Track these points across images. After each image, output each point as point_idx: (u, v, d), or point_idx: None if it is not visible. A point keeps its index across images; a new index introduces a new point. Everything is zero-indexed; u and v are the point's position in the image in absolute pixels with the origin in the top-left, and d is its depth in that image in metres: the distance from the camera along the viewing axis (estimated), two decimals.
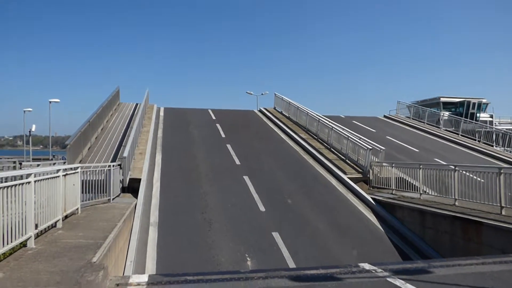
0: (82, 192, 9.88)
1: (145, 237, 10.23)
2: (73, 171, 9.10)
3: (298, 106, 26.05)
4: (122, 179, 12.83)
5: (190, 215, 11.85)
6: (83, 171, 10.22)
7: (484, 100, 44.44)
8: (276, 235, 10.81)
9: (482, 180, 10.56)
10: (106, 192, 11.27)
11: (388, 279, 6.12)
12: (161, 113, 26.60)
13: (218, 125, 24.54)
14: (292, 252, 9.89)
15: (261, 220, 11.81)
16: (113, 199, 11.55)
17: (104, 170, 11.30)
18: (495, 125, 27.77)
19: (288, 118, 27.12)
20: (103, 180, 11.18)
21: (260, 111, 30.88)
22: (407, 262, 9.48)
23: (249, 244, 10.31)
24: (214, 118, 26.97)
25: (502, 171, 9.97)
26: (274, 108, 30.81)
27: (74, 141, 14.13)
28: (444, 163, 18.05)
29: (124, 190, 13.01)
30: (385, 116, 32.49)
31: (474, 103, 42.05)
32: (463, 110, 37.48)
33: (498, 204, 9.92)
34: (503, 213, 9.74)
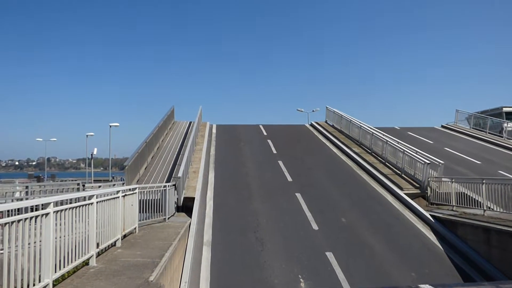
0: (139, 212, 10.28)
1: (199, 257, 10.41)
2: (131, 192, 9.52)
3: (350, 119, 25.57)
4: (177, 199, 13.22)
5: (243, 234, 11.92)
6: (140, 191, 10.64)
7: None
8: (330, 255, 10.59)
9: None
10: (161, 212, 11.67)
11: None
12: (214, 130, 27.20)
13: (269, 141, 24.64)
14: (347, 274, 9.63)
15: (314, 240, 11.63)
16: (168, 218, 11.93)
17: (159, 190, 11.72)
18: None
19: (340, 131, 26.71)
20: (159, 199, 11.59)
21: (312, 125, 30.66)
22: (471, 284, 8.95)
23: (302, 264, 10.17)
24: (265, 134, 27.15)
25: None
26: (326, 122, 30.51)
27: (131, 163, 14.78)
28: (511, 176, 16.92)
29: (178, 209, 13.39)
30: (442, 126, 31.05)
31: None
32: None
33: None
34: None
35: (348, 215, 13.53)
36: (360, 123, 24.10)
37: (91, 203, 6.58)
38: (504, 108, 33.12)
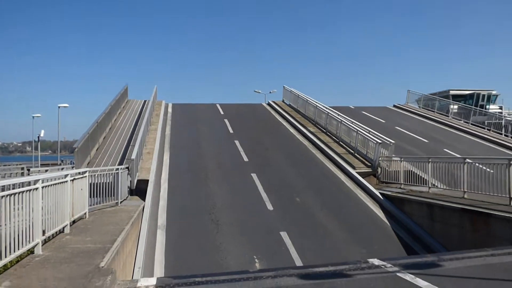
0: (90, 196, 9.91)
1: (153, 241, 10.27)
2: (81, 176, 9.15)
3: (307, 99, 25.87)
4: (130, 181, 12.88)
5: (198, 216, 11.88)
6: (91, 175, 10.25)
7: (494, 92, 43.78)
8: (284, 234, 10.78)
9: (492, 171, 10.43)
10: (114, 196, 11.27)
11: (397, 274, 6.04)
12: (169, 109, 26.69)
13: (226, 120, 24.53)
14: (301, 252, 9.86)
15: (269, 220, 11.80)
16: (121, 202, 11.56)
17: (111, 173, 11.32)
18: (505, 117, 27.62)
19: (297, 110, 26.99)
20: (111, 183, 11.19)
21: (269, 104, 30.80)
22: (416, 256, 9.43)
23: (257, 245, 10.31)
24: (222, 113, 26.97)
25: (511, 162, 9.81)
26: (283, 101, 30.71)
27: (81, 144, 14.23)
28: (454, 154, 17.87)
29: (132, 192, 13.06)
30: (394, 106, 32.17)
31: (484, 95, 41.68)
32: (473, 103, 37.35)
33: (507, 196, 9.80)
34: None
35: (302, 194, 13.80)
36: (316, 102, 24.44)
37: (36, 188, 6.26)
38: (451, 91, 35.38)
